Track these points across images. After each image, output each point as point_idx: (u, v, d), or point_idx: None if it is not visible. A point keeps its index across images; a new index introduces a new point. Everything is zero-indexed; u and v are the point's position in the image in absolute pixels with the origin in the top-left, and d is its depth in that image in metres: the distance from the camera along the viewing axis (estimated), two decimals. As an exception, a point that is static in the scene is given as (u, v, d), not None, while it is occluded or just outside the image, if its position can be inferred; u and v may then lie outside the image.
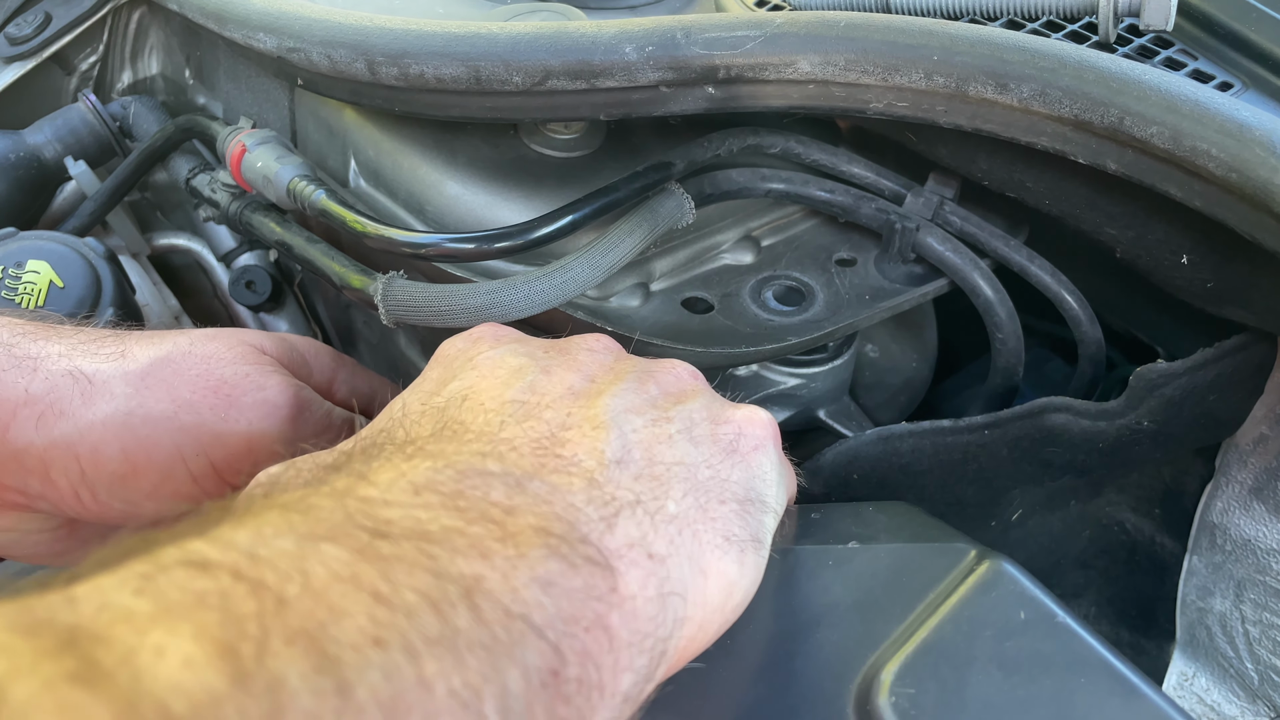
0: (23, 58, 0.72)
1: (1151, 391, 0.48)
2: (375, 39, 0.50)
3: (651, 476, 0.34)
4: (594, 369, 0.39)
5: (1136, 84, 0.39)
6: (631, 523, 0.31)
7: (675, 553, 0.32)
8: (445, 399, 0.36)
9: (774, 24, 0.44)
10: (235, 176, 0.62)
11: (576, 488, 0.31)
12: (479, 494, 0.28)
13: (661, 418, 0.36)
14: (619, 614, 0.28)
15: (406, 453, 0.31)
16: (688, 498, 0.34)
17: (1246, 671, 0.48)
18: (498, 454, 0.31)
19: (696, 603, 0.32)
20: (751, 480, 0.37)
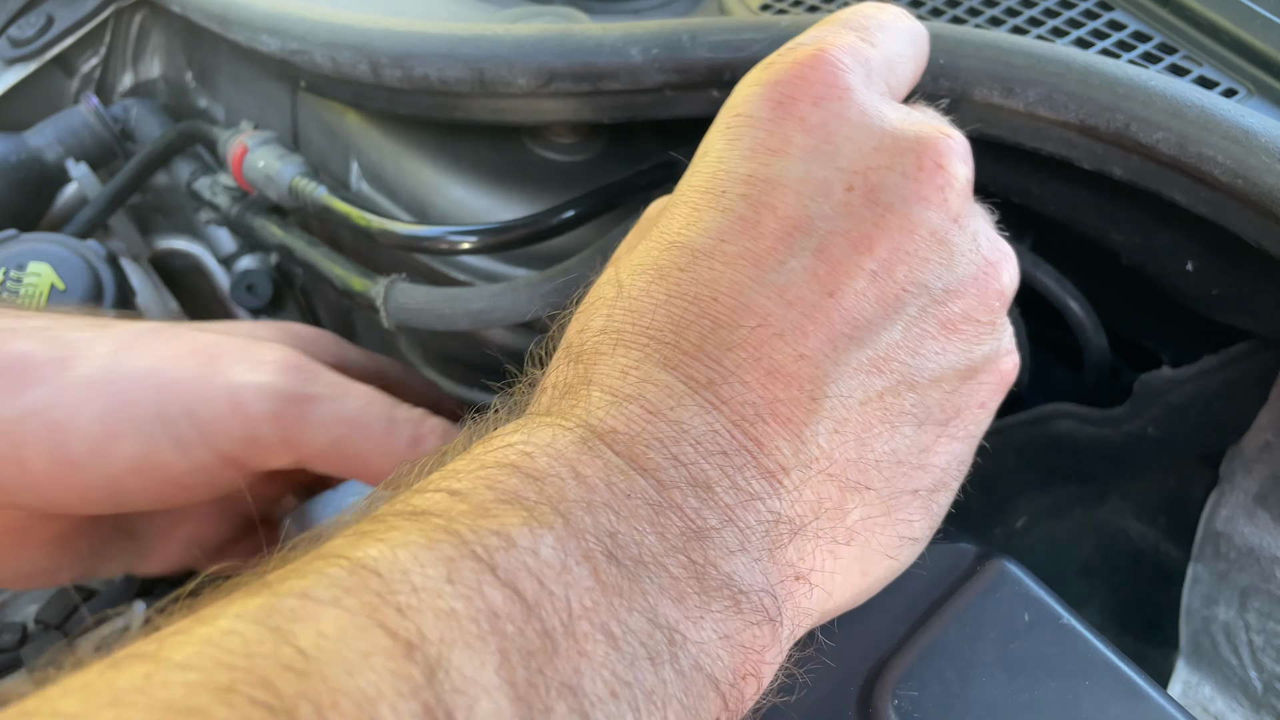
0: (25, 60, 0.72)
1: (1156, 398, 0.48)
2: (379, 41, 0.50)
3: (847, 479, 0.30)
4: (871, 268, 0.30)
5: (1142, 89, 0.39)
6: (795, 548, 0.29)
7: (831, 570, 0.30)
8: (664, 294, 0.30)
9: (779, 27, 0.44)
10: (236, 177, 0.62)
11: (760, 498, 0.28)
12: (676, 517, 0.26)
13: (900, 387, 0.31)
14: (771, 657, 0.28)
15: (616, 403, 0.28)
16: (879, 502, 0.31)
17: (1251, 680, 0.48)
18: (692, 447, 0.28)
19: (838, 604, 0.31)
20: (958, 454, 0.34)
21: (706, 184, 0.32)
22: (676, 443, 0.27)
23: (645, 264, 0.31)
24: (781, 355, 0.29)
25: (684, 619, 0.25)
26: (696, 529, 0.26)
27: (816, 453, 0.29)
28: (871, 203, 0.31)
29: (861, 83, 0.33)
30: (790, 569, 0.28)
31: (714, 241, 0.30)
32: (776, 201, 0.31)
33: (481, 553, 0.23)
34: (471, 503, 0.25)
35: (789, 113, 0.32)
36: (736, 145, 0.32)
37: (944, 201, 0.32)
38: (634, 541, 0.25)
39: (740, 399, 0.28)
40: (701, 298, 0.30)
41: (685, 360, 0.29)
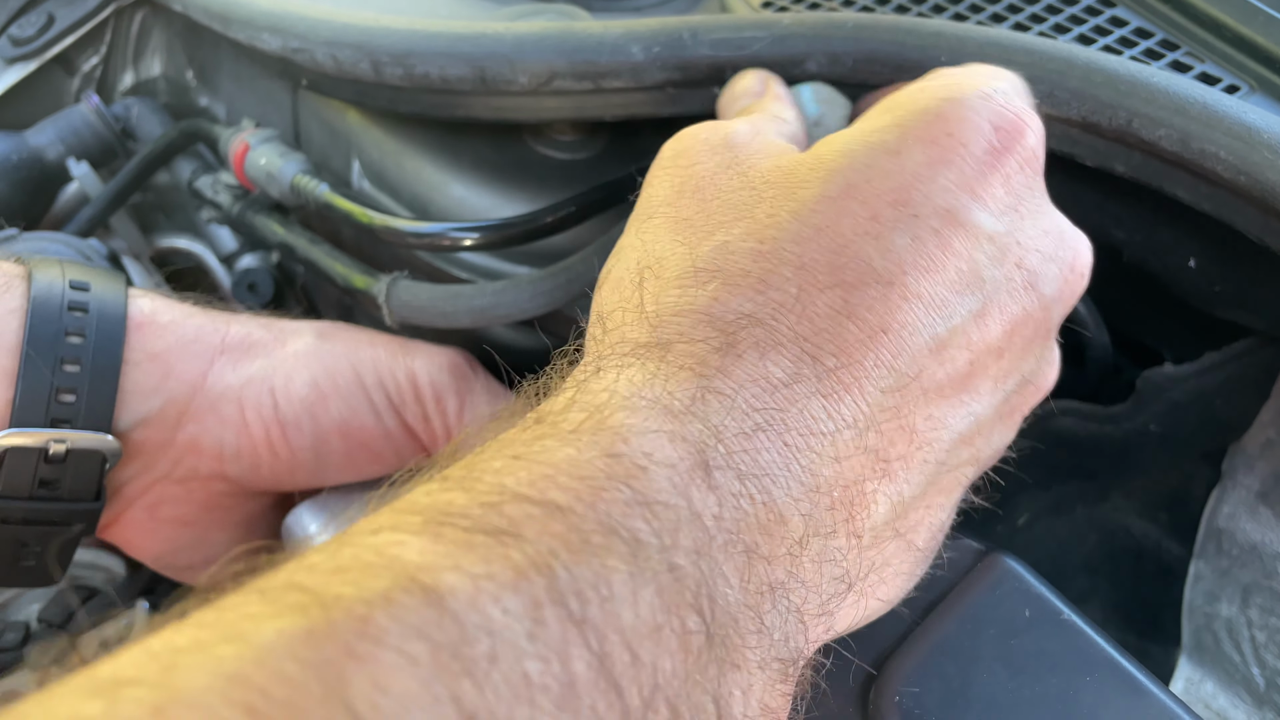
0: (25, 59, 0.72)
1: (1158, 395, 0.48)
2: (380, 39, 0.50)
3: (906, 538, 0.30)
4: (1001, 346, 0.30)
5: (1145, 86, 0.39)
6: (844, 608, 0.28)
7: (854, 613, 0.30)
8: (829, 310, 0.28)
9: (781, 25, 0.44)
10: (238, 175, 0.62)
11: (837, 555, 0.27)
12: (764, 569, 0.25)
13: (972, 461, 0.31)
14: (786, 710, 0.27)
15: (746, 426, 0.26)
16: (910, 563, 0.31)
17: (1253, 676, 0.47)
18: (803, 489, 0.26)
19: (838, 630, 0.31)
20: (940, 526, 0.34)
21: (898, 195, 0.30)
22: (802, 486, 0.26)
23: (809, 259, 0.29)
24: (918, 412, 0.28)
25: (736, 690, 0.24)
26: (774, 583, 0.25)
27: (902, 513, 0.29)
28: (1028, 286, 0.31)
29: (1043, 161, 0.33)
30: (827, 625, 0.28)
31: (898, 270, 0.29)
32: (964, 250, 0.30)
33: (575, 605, 0.21)
34: (570, 525, 0.23)
35: (1001, 163, 0.31)
36: (943, 172, 0.30)
37: (1066, 304, 0.33)
38: (723, 596, 0.24)
39: (872, 448, 0.27)
40: (873, 326, 0.28)
41: (841, 394, 0.27)
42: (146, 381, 0.44)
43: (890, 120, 0.32)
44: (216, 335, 0.46)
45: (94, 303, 0.43)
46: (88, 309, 0.43)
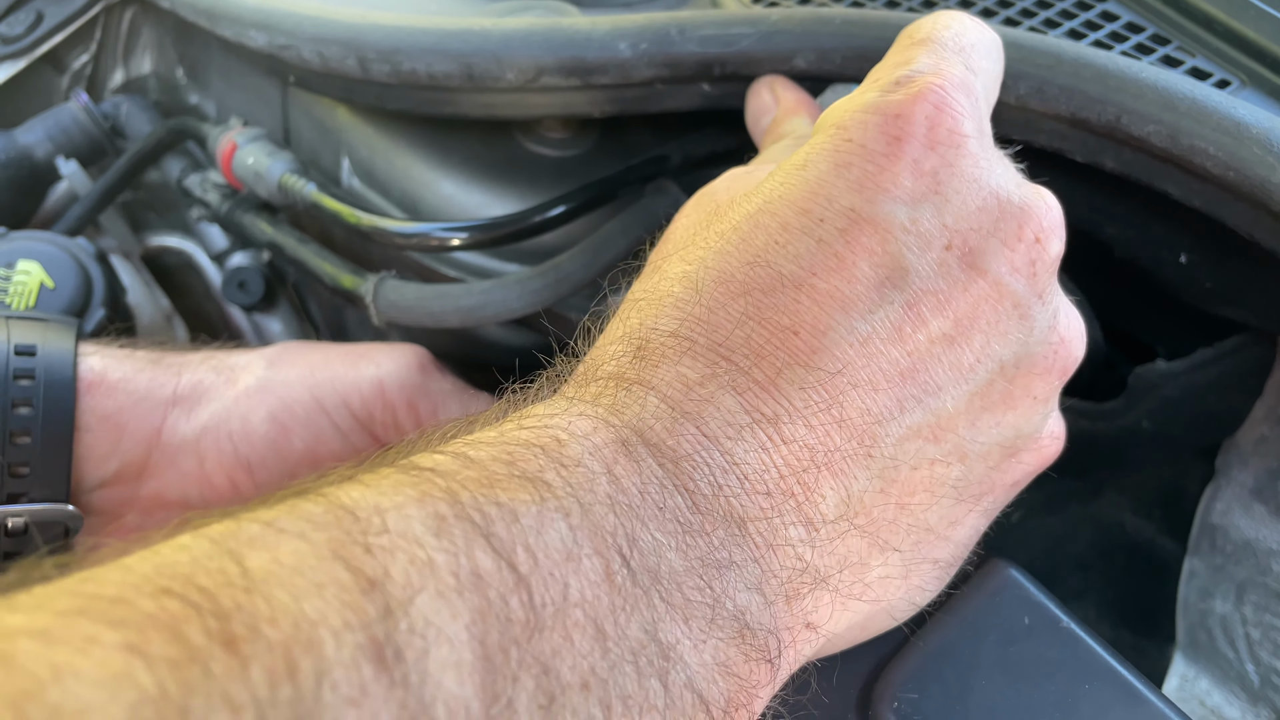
0: (14, 56, 0.72)
1: (1151, 392, 0.48)
2: (367, 35, 0.50)
3: (878, 539, 0.30)
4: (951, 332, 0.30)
5: (1134, 81, 0.39)
6: (813, 599, 0.29)
7: (838, 619, 0.30)
8: (741, 313, 0.29)
9: (769, 20, 0.44)
10: (226, 174, 0.62)
11: (792, 545, 0.28)
12: (703, 542, 0.26)
13: (950, 457, 0.31)
14: (765, 693, 0.28)
15: (674, 419, 0.28)
16: (898, 567, 0.31)
17: (1247, 673, 0.47)
18: (738, 481, 0.27)
19: (835, 645, 0.32)
20: (976, 532, 0.34)
21: (804, 204, 0.31)
22: (725, 473, 0.27)
23: (725, 274, 0.30)
24: (851, 408, 0.28)
25: (685, 639, 0.25)
26: (720, 560, 0.26)
27: (858, 508, 0.29)
28: (967, 266, 0.30)
29: (975, 130, 0.32)
30: (803, 617, 0.28)
31: (804, 273, 0.29)
32: (876, 245, 0.30)
33: (478, 519, 0.23)
34: (482, 471, 0.25)
35: (903, 152, 0.31)
36: (844, 174, 0.31)
37: (1033, 275, 0.31)
38: (655, 553, 0.25)
39: (801, 441, 0.28)
40: (783, 328, 0.29)
41: (755, 390, 0.28)
42: (100, 446, 0.43)
43: (813, 138, 0.33)
44: (167, 388, 0.45)
45: (41, 368, 0.42)
46: (34, 375, 0.42)
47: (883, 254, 0.30)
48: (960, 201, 0.31)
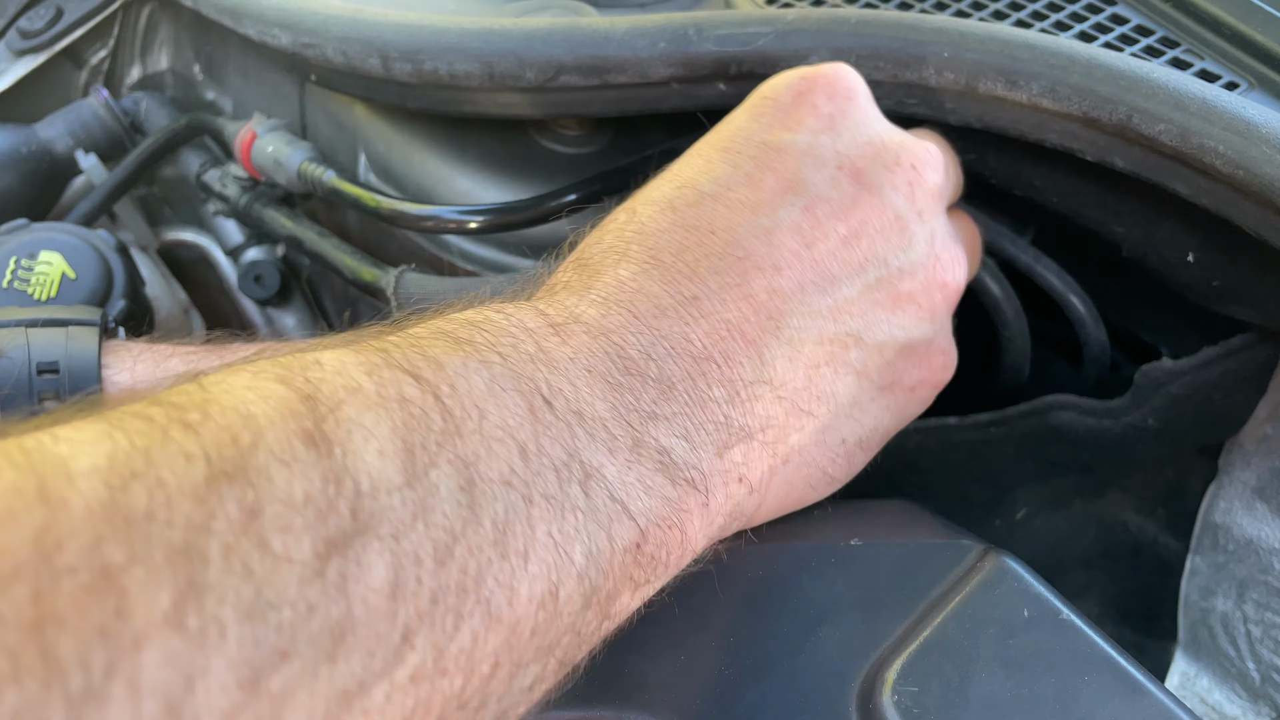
0: (34, 51, 0.73)
1: (1156, 389, 0.48)
2: (390, 35, 0.50)
3: (794, 404, 0.35)
4: (844, 232, 0.36)
5: (1145, 82, 0.39)
6: (741, 451, 0.33)
7: (767, 479, 0.35)
8: (669, 223, 0.35)
9: (786, 20, 0.45)
10: (245, 164, 0.63)
11: (716, 402, 0.32)
12: (632, 397, 0.31)
13: (848, 339, 0.36)
14: (698, 521, 0.32)
15: (605, 304, 0.33)
16: (815, 433, 0.36)
17: (1248, 671, 0.48)
18: (666, 350, 0.32)
19: (766, 510, 0.36)
20: (884, 424, 0.39)
21: (725, 143, 0.38)
22: (653, 344, 0.32)
23: (657, 198, 0.36)
24: (758, 285, 0.34)
25: (609, 464, 0.29)
26: (648, 412, 0.31)
27: (772, 375, 0.34)
28: (855, 181, 0.37)
29: (867, 95, 0.40)
30: (734, 471, 0.33)
31: (721, 188, 0.36)
32: (780, 165, 0.37)
33: (406, 365, 0.27)
34: (416, 337, 0.29)
35: (806, 100, 0.39)
36: (758, 119, 0.39)
37: (911, 195, 0.38)
38: (580, 400, 0.29)
39: (717, 315, 0.33)
40: (701, 229, 0.35)
41: (678, 279, 0.33)
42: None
43: (741, 104, 0.40)
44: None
45: (65, 387, 0.42)
46: (60, 396, 0.42)
47: (784, 170, 0.36)
48: (850, 136, 0.38)
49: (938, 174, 0.39)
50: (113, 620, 0.19)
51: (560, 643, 0.28)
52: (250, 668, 0.20)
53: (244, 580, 0.21)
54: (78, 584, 0.19)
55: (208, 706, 0.19)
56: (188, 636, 0.19)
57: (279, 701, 0.21)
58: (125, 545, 0.19)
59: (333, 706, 0.22)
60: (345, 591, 0.22)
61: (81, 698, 0.18)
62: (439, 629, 0.24)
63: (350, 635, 0.22)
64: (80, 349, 0.43)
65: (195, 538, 0.20)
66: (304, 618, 0.21)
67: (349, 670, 0.22)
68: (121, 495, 0.20)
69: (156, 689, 0.19)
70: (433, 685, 0.24)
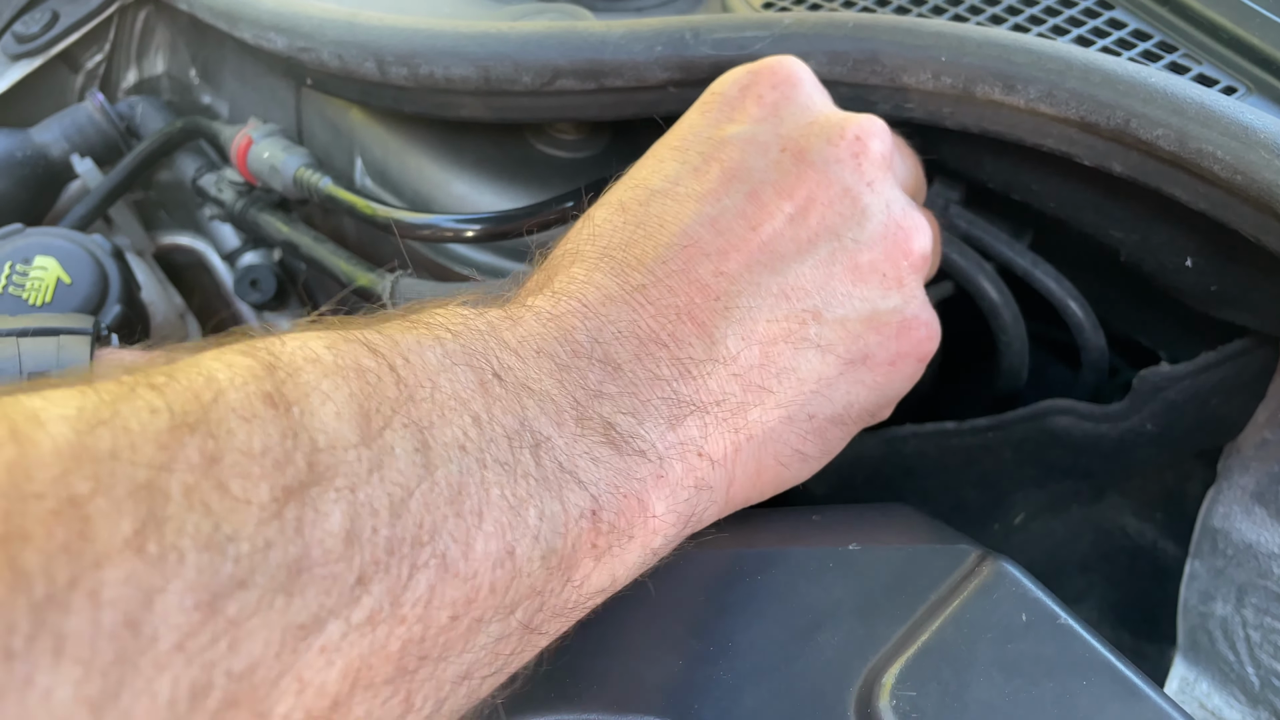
0: (29, 55, 0.72)
1: (1155, 394, 0.48)
2: (385, 39, 0.50)
3: (750, 381, 0.35)
4: (790, 211, 0.37)
5: (1143, 87, 0.39)
6: (696, 425, 0.34)
7: (731, 455, 0.35)
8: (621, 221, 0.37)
9: (782, 24, 0.45)
10: (240, 169, 0.63)
11: (665, 380, 0.33)
12: (578, 375, 0.32)
13: (805, 315, 0.36)
14: (656, 493, 0.33)
15: (557, 296, 0.34)
16: (778, 409, 0.36)
17: (1248, 676, 0.48)
18: (613, 334, 0.33)
19: (739, 489, 0.36)
20: (861, 399, 0.39)
21: (676, 142, 0.40)
22: (600, 330, 0.33)
23: (611, 200, 0.38)
24: (704, 270, 0.35)
25: (556, 434, 0.30)
26: (594, 390, 0.32)
27: (724, 354, 0.34)
28: (798, 161, 0.38)
29: (812, 82, 0.41)
30: (693, 445, 0.34)
31: (670, 184, 0.37)
32: (724, 155, 0.38)
33: (362, 339, 0.28)
34: (373, 320, 0.31)
35: (751, 92, 0.40)
36: (705, 115, 0.40)
37: (858, 167, 0.38)
38: (529, 377, 0.31)
39: (664, 301, 0.34)
40: (650, 224, 0.36)
41: (626, 270, 0.35)
42: None
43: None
44: None
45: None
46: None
47: (729, 160, 0.38)
48: (793, 120, 0.39)
49: (884, 144, 0.39)
50: (76, 541, 0.20)
51: (521, 603, 0.29)
52: (208, 591, 0.22)
53: (203, 516, 0.22)
54: (45, 509, 0.20)
55: (165, 622, 0.21)
56: (147, 560, 0.21)
57: (235, 625, 0.22)
58: (90, 479, 0.21)
59: (289, 638, 0.23)
60: (302, 534, 0.23)
61: (45, 603, 0.19)
62: (394, 576, 0.25)
63: (306, 574, 0.23)
64: (72, 359, 0.43)
65: (157, 476, 0.22)
66: (261, 552, 0.23)
67: (304, 605, 0.23)
68: (88, 437, 0.21)
69: (116, 602, 0.20)
70: (390, 630, 0.25)
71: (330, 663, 0.24)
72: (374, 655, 0.25)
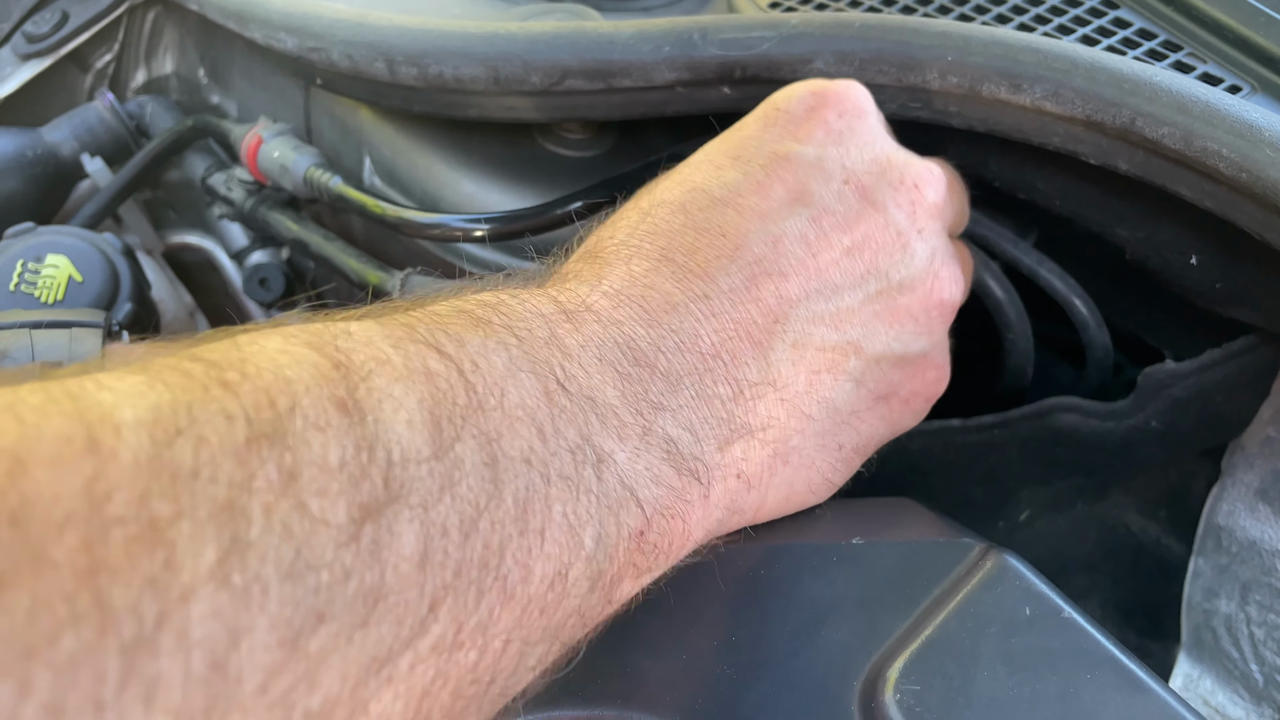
0: (40, 55, 0.73)
1: (1159, 392, 0.48)
2: (395, 39, 0.51)
3: (793, 407, 0.36)
4: (848, 244, 0.37)
5: (1148, 85, 0.40)
6: (741, 448, 0.34)
7: (767, 479, 0.36)
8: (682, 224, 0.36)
9: (789, 24, 0.45)
10: (251, 168, 0.63)
11: (720, 399, 0.33)
12: (640, 388, 0.32)
13: (848, 348, 0.37)
14: (697, 513, 0.33)
15: (617, 296, 0.34)
16: (815, 438, 0.37)
17: (1251, 673, 0.48)
18: (675, 345, 0.33)
19: (768, 510, 0.37)
20: (879, 433, 0.40)
21: (735, 151, 0.39)
22: (663, 338, 0.33)
23: (669, 200, 0.37)
24: (766, 290, 0.35)
25: (619, 450, 0.30)
26: (655, 403, 0.32)
27: (776, 376, 0.35)
28: (861, 197, 0.38)
29: (876, 115, 0.41)
30: (734, 467, 0.34)
31: (732, 194, 0.37)
32: (789, 175, 0.37)
33: (430, 339, 0.27)
34: (433, 313, 0.29)
35: (817, 114, 0.40)
36: (769, 129, 0.40)
37: (913, 213, 0.39)
38: (592, 386, 0.30)
39: (726, 315, 0.34)
40: (712, 232, 0.36)
41: (689, 277, 0.34)
42: None
43: (752, 112, 0.42)
44: None
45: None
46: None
47: (793, 181, 0.37)
48: (858, 153, 0.39)
49: (939, 194, 0.40)
50: (162, 572, 0.19)
51: (566, 624, 0.29)
52: (290, 628, 0.21)
53: (284, 540, 0.21)
54: (127, 535, 0.19)
55: (252, 663, 0.20)
56: (233, 592, 0.20)
57: (316, 663, 0.21)
58: (172, 500, 0.20)
59: (364, 672, 0.22)
60: (378, 558, 0.23)
61: (134, 646, 0.18)
62: (461, 602, 0.24)
63: (382, 602, 0.22)
64: (83, 351, 0.44)
65: (238, 496, 0.21)
66: (340, 581, 0.22)
67: (380, 637, 0.22)
68: (167, 450, 0.20)
69: (204, 642, 0.19)
70: (450, 657, 0.24)
71: (397, 695, 0.23)
72: (435, 684, 0.24)
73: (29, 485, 0.18)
